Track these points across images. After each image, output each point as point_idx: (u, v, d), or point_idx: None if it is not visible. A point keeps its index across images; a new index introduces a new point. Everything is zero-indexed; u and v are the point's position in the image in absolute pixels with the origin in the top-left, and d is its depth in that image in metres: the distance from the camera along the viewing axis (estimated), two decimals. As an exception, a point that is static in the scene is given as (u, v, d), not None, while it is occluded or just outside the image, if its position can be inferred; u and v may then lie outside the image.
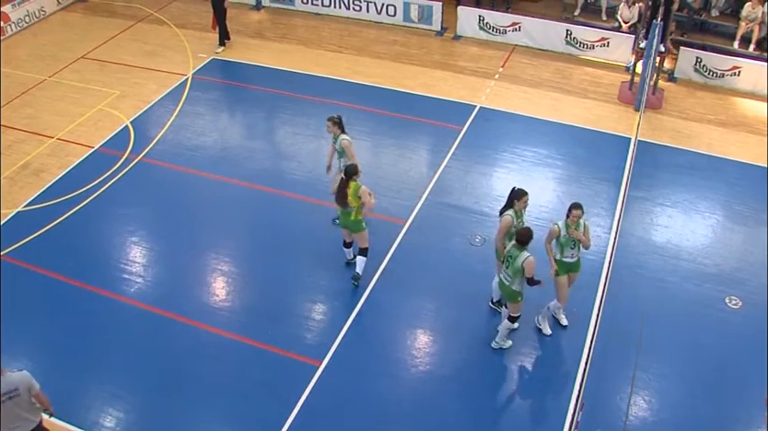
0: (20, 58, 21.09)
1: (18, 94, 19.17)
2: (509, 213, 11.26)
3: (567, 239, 11.06)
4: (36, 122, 17.78)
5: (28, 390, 9.33)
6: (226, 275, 13.21)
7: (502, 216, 11.33)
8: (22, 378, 9.31)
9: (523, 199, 11.23)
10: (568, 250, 11.15)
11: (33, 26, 23.05)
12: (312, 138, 16.62)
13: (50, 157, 16.45)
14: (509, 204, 11.32)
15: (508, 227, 11.27)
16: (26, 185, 15.63)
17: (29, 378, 9.37)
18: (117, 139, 16.84)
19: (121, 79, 19.34)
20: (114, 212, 14.79)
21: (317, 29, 21.39)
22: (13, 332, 12.34)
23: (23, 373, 9.35)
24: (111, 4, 24.35)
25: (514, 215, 11.25)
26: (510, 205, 11.31)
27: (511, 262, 10.63)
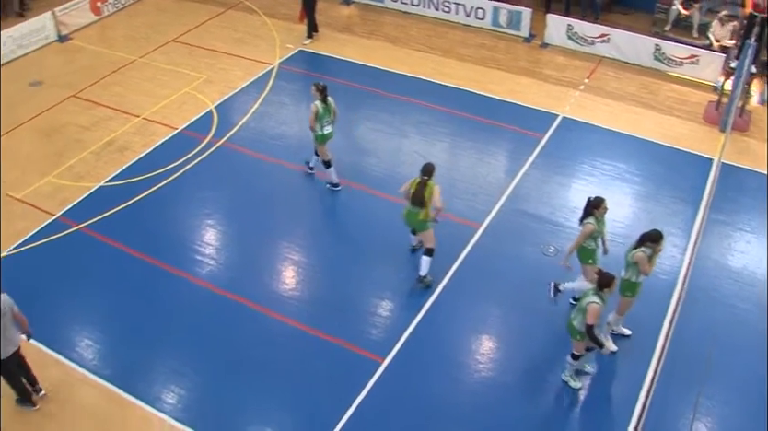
0: (114, 38, 21.65)
1: (109, 72, 19.68)
2: (590, 221, 11.27)
3: None
4: (124, 101, 18.24)
5: (11, 309, 9.97)
6: (296, 265, 13.34)
7: (583, 224, 11.34)
8: (6, 298, 9.93)
9: (602, 206, 11.29)
10: None
11: (129, 7, 23.61)
12: (393, 136, 16.67)
13: (134, 136, 16.86)
14: (588, 213, 11.29)
15: (590, 235, 11.30)
16: (110, 161, 16.05)
17: (10, 299, 9.98)
18: (200, 123, 17.16)
19: (208, 64, 19.69)
20: (193, 194, 15.07)
21: (405, 28, 21.42)
22: (85, 302, 12.73)
23: (4, 294, 9.93)
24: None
25: (595, 221, 11.27)
26: (590, 214, 11.29)
27: (581, 298, 10.48)
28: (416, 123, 17.04)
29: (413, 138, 16.58)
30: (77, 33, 22.03)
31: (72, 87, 19.16)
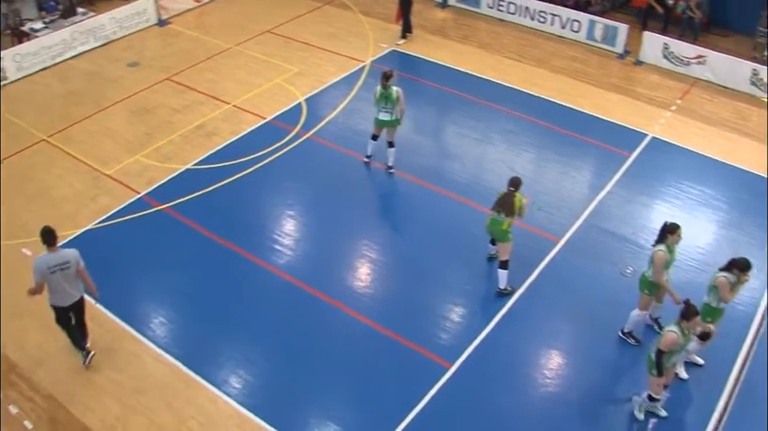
0: (211, 25, 22.08)
1: (204, 58, 20.06)
2: (662, 248, 10.97)
3: None
4: (216, 87, 18.58)
5: (76, 264, 10.63)
6: (372, 262, 13.38)
7: (654, 252, 11.03)
8: (73, 253, 10.65)
9: (677, 233, 10.97)
10: None
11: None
12: (478, 142, 16.59)
13: (223, 122, 17.15)
14: (662, 238, 11.01)
15: (663, 264, 10.97)
16: (198, 145, 16.36)
17: (78, 255, 10.67)
18: (289, 114, 17.37)
19: (301, 57, 19.91)
20: (276, 183, 15.26)
21: (498, 36, 21.30)
22: (162, 281, 13.01)
23: (73, 250, 10.70)
24: (302, -16, 25.10)
25: (666, 249, 10.96)
26: (663, 239, 11.01)
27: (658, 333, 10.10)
28: (503, 132, 16.93)
29: (499, 146, 16.48)
30: (176, 18, 22.54)
31: (167, 70, 19.60)
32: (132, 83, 19.08)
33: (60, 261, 10.60)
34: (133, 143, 16.60)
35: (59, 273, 10.63)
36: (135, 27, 21.90)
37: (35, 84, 19.44)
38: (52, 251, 10.64)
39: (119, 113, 17.79)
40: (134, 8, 21.90)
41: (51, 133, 17.15)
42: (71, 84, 19.36)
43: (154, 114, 17.63)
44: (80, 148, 16.52)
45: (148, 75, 19.45)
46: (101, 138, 16.81)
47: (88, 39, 20.94)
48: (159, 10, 22.35)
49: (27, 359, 11.71)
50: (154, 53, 20.58)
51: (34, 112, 18.06)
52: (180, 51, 20.62)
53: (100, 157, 16.15)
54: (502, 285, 12.58)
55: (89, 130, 17.24)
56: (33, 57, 19.86)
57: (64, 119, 17.72)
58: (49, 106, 18.35)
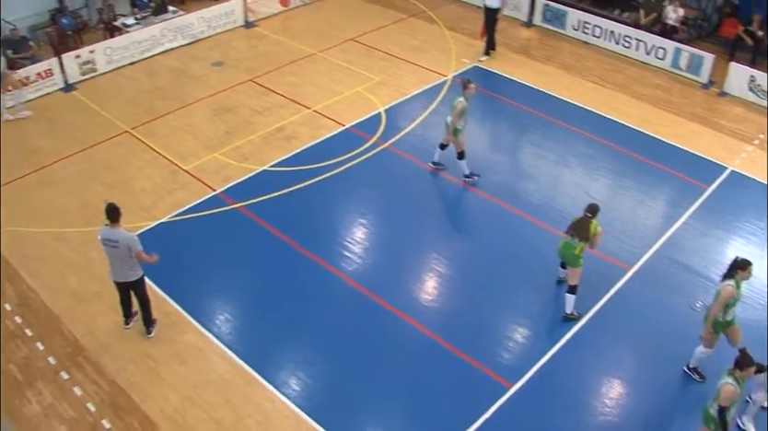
0: (296, 30, 22.40)
1: (287, 62, 20.35)
2: (730, 283, 10.71)
3: None
4: (297, 91, 18.82)
5: (128, 247, 10.97)
6: (439, 276, 13.37)
7: (722, 286, 10.77)
8: (127, 235, 11.00)
9: (747, 269, 10.69)
10: None
11: (314, 3, 24.37)
12: (555, 164, 16.45)
13: (303, 126, 17.36)
14: (731, 274, 10.75)
15: (729, 299, 10.74)
16: (276, 147, 16.59)
17: (133, 240, 11.02)
18: (368, 123, 17.49)
19: (383, 67, 20.04)
20: (351, 190, 15.38)
21: (582, 58, 21.12)
22: (230, 278, 13.24)
23: (130, 234, 11.07)
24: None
25: (735, 285, 10.71)
26: (732, 275, 10.74)
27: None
28: (580, 155, 16.76)
29: (576, 170, 16.31)
30: (263, 21, 22.91)
31: (251, 71, 19.94)
32: (215, 82, 19.46)
33: (110, 237, 11.06)
34: (212, 140, 16.92)
35: (110, 248, 11.12)
36: (222, 27, 22.33)
37: (123, 77, 19.96)
38: (109, 227, 11.05)
39: (201, 111, 18.16)
40: (223, 9, 22.34)
41: (134, 126, 17.60)
42: (157, 79, 19.84)
43: (235, 114, 17.94)
44: (161, 142, 16.90)
45: (232, 75, 19.81)
46: (182, 134, 17.18)
47: (176, 36, 21.42)
48: (247, 12, 22.76)
49: (94, 343, 12.01)
50: (239, 54, 20.96)
51: (120, 104, 18.55)
52: (264, 53, 20.95)
53: (180, 152, 16.51)
54: (569, 310, 12.44)
55: (171, 125, 17.63)
56: (123, 51, 20.40)
57: (149, 112, 18.18)
58: (134, 99, 18.85)
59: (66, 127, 17.79)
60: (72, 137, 17.33)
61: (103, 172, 16.03)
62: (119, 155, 16.58)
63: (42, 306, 12.77)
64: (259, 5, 23.10)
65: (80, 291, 13.01)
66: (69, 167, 16.32)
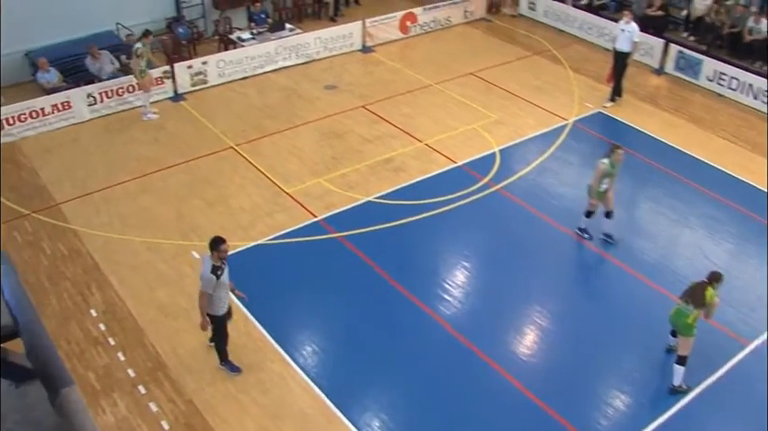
0: (414, 59, 22.86)
1: (402, 91, 20.76)
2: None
3: None
4: (410, 122, 19.17)
5: None
6: (541, 330, 13.30)
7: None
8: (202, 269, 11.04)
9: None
10: None
11: (436, 32, 24.86)
12: (675, 223, 16.20)
13: (413, 159, 17.64)
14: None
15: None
16: (383, 178, 16.90)
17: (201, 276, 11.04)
18: (481, 162, 17.64)
19: (501, 105, 20.22)
20: (456, 231, 15.51)
21: (714, 111, 20.79)
22: (321, 308, 13.52)
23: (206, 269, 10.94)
24: (514, 30, 25.52)
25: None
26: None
27: None
28: (703, 216, 16.46)
29: (697, 231, 16.02)
30: (381, 47, 23.47)
31: (364, 97, 20.44)
32: (326, 105, 20.02)
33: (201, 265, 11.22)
34: (318, 165, 17.36)
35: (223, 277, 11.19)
36: (339, 50, 22.96)
37: (233, 91, 20.73)
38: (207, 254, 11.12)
39: (309, 133, 18.69)
40: (341, 31, 23.00)
41: (239, 142, 18.24)
42: (267, 97, 20.53)
43: (343, 140, 18.39)
44: (265, 162, 17.45)
45: (344, 99, 20.34)
46: (287, 155, 17.70)
47: (291, 55, 22.13)
48: (365, 37, 23.34)
49: (176, 361, 12.38)
50: (353, 79, 21.50)
51: (227, 119, 19.28)
52: (379, 80, 21.44)
53: (284, 174, 17.00)
54: (677, 382, 12.17)
55: (277, 145, 18.20)
56: (236, 65, 21.19)
57: (256, 130, 18.83)
58: (242, 115, 19.57)
59: (172, 137, 18.62)
60: (176, 148, 18.12)
61: (203, 186, 16.65)
62: (221, 170, 17.20)
63: (128, 315, 13.30)
64: (378, 30, 23.67)
65: (168, 305, 13.49)
66: (170, 177, 17.03)
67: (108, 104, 19.59)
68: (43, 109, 18.76)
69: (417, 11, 24.72)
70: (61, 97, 19.02)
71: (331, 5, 26.09)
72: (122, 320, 13.22)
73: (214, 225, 15.25)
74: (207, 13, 24.20)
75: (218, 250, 10.90)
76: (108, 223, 15.57)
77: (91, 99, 19.33)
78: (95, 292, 13.82)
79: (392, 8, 25.16)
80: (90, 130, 19.12)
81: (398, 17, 24.19)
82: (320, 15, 26.12)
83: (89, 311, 13.40)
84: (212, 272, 10.92)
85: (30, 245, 15.00)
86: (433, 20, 25.08)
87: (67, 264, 14.50)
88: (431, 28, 25.07)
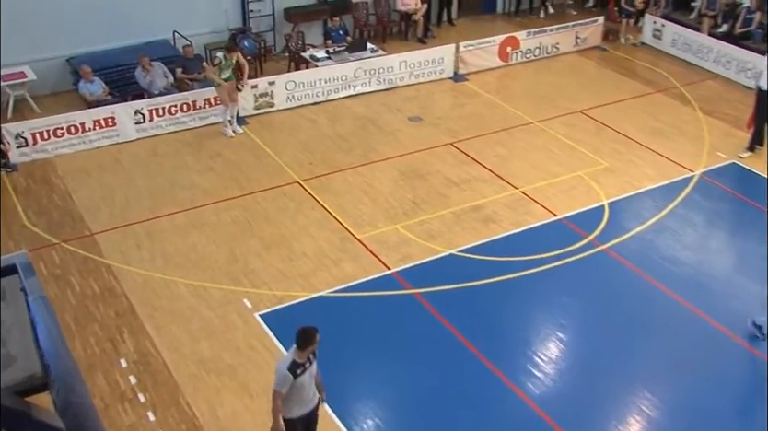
0: (514, 91, 22.93)
1: (497, 129, 20.77)
2: None
3: None
4: (505, 165, 19.12)
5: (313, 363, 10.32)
6: (648, 421, 12.87)
7: None
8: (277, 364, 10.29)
9: None
10: None
11: (540, 61, 24.94)
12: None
13: (506, 208, 17.52)
14: None
15: None
16: (470, 228, 16.80)
17: (274, 370, 10.20)
18: (585, 216, 17.41)
19: (614, 150, 20.01)
20: (551, 295, 15.29)
21: None
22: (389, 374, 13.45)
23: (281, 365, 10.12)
24: (634, 62, 25.39)
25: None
26: None
27: None
28: None
29: None
30: (476, 76, 23.60)
31: (452, 133, 20.51)
32: (408, 139, 20.12)
33: None
34: (395, 209, 17.38)
35: None
36: (427, 76, 23.12)
37: (302, 118, 21.01)
38: None
39: (387, 171, 18.77)
40: (430, 55, 23.17)
41: (306, 177, 18.41)
42: (341, 126, 20.74)
43: (426, 181, 18.40)
44: (335, 201, 17.56)
45: (430, 134, 20.42)
46: (361, 195, 17.78)
47: (371, 80, 22.35)
48: (458, 63, 23.45)
49: (215, 425, 12.32)
50: (441, 111, 21.59)
51: (293, 149, 19.55)
52: (471, 114, 21.49)
53: (355, 216, 17.07)
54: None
55: (350, 182, 18.33)
56: (307, 88, 21.48)
57: (325, 164, 19.03)
58: (311, 145, 19.84)
59: (229, 166, 18.93)
60: (233, 178, 18.40)
61: (261, 224, 16.80)
62: (283, 207, 17.37)
63: (163, 368, 13.36)
64: (473, 56, 23.79)
65: (211, 359, 13.54)
66: (223, 212, 17.26)
67: (158, 123, 20.02)
68: (83, 124, 19.23)
69: (520, 35, 24.77)
70: (104, 111, 19.54)
71: (421, 24, 26.30)
72: (155, 373, 13.28)
73: (271, 270, 15.34)
74: (278, 26, 24.64)
75: (307, 347, 10.08)
76: (149, 260, 15.76)
77: (139, 117, 19.77)
78: (127, 339, 13.95)
79: (491, 31, 25.28)
80: (136, 151, 19.53)
81: (497, 42, 24.27)
82: (406, 35, 26.36)
83: (119, 361, 13.51)
84: (289, 368, 10.01)
85: (57, 279, 15.26)
86: (538, 47, 25.11)
87: (98, 304, 14.69)
88: (535, 56, 25.09)
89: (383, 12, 26.39)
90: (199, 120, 20.39)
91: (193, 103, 20.30)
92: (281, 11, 24.82)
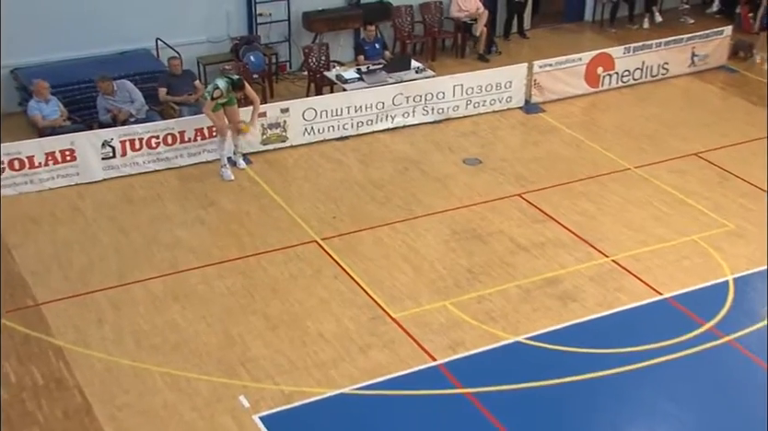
0: (604, 126, 23.00)
1: (582, 176, 20.73)
2: None
3: None
4: (591, 225, 18.98)
5: None
6: None
7: None
8: None
9: None
10: None
11: (642, 86, 24.99)
12: None
13: (591, 282, 17.28)
14: None
15: None
16: (543, 308, 16.57)
17: None
18: (702, 296, 17.15)
19: (742, 208, 19.77)
20: (652, 401, 14.98)
21: None
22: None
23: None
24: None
25: None
26: None
27: None
28: None
29: None
30: (553, 105, 23.66)
31: (522, 181, 20.47)
32: (464, 188, 20.09)
33: None
34: (444, 279, 17.21)
35: None
36: (489, 105, 23.16)
37: (324, 157, 21.15)
38: None
39: (434, 229, 18.68)
40: (494, 77, 23.19)
41: (327, 235, 18.36)
42: (375, 169, 20.83)
43: (486, 244, 18.26)
44: (363, 267, 17.45)
45: (491, 181, 20.39)
46: (398, 260, 17.64)
47: (416, 108, 22.37)
48: (532, 88, 23.37)
49: None
50: (507, 152, 21.56)
51: (312, 198, 19.66)
52: (547, 156, 21.44)
53: (390, 288, 16.91)
54: None
55: (385, 243, 18.26)
56: (331, 118, 21.57)
57: (353, 218, 19.06)
58: (335, 193, 19.93)
59: (225, 218, 19.01)
60: (231, 234, 18.47)
61: (266, 296, 16.65)
62: (296, 274, 17.25)
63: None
64: (551, 79, 23.77)
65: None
66: (216, 279, 17.13)
67: (132, 159, 20.07)
68: (32, 157, 19.22)
69: (616, 52, 24.75)
70: (61, 142, 19.46)
71: (483, 37, 26.27)
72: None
73: (277, 358, 15.17)
74: (295, 36, 24.76)
75: None
76: (114, 340, 15.62)
77: (108, 150, 19.76)
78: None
79: (576, 46, 25.45)
80: (102, 196, 19.56)
81: (584, 61, 24.24)
82: (463, 50, 26.44)
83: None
84: None
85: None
86: (639, 67, 25.06)
87: (41, 401, 14.43)
88: (635, 79, 25.05)
89: (433, 20, 26.48)
90: (188, 156, 20.40)
91: (181, 134, 20.27)
92: (299, 16, 24.91)
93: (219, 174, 20.18)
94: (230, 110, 19.86)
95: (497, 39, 27.41)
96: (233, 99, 19.91)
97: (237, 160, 20.31)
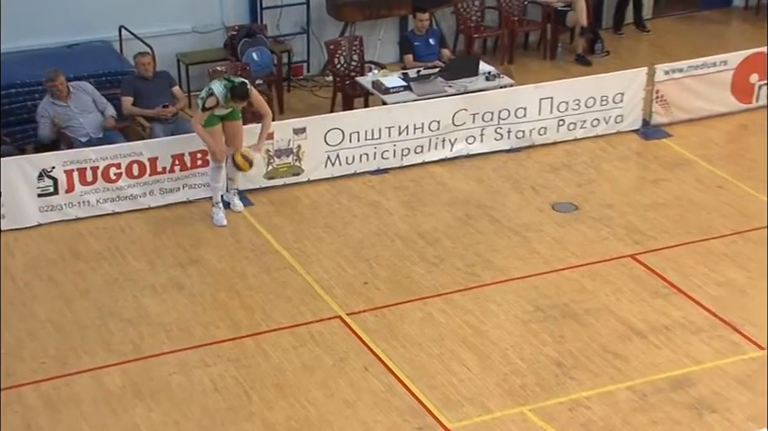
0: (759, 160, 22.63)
1: (726, 232, 20.78)
2: None
3: None
4: (737, 302, 18.89)
5: None
6: None
7: None
8: None
9: None
10: None
11: None
12: None
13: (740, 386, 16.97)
14: None
15: None
16: (667, 420, 16.29)
17: None
18: None
19: None
20: None
21: None
22: None
23: None
24: None
25: None
26: None
27: None
28: None
29: None
30: (685, 127, 23.70)
31: (637, 235, 20.52)
32: (553, 245, 20.14)
33: None
34: (522, 375, 17.05)
35: None
36: (590, 128, 23.23)
37: (353, 198, 21.01)
38: None
39: (509, 303, 18.62)
40: (598, 88, 23.15)
41: (356, 308, 18.28)
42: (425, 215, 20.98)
43: (583, 325, 18.15)
44: (404, 354, 17.37)
45: (593, 236, 20.40)
46: (457, 346, 17.50)
47: (486, 130, 22.32)
48: (653, 104, 23.20)
49: None
50: (615, 193, 21.66)
51: (335, 255, 19.67)
52: (675, 200, 21.60)
53: (444, 386, 16.74)
54: None
55: (437, 321, 18.20)
56: (365, 143, 21.38)
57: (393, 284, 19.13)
58: (369, 249, 20.03)
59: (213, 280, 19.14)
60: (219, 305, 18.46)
61: (267, 395, 16.53)
62: (310, 363, 17.13)
63: None
64: (680, 90, 23.69)
65: None
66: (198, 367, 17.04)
67: (82, 197, 20.06)
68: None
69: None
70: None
71: (578, 29, 26.12)
72: None
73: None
74: (315, 26, 24.66)
75: None
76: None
77: (47, 184, 19.64)
78: None
79: (718, 44, 25.31)
80: (38, 248, 19.61)
81: (731, 66, 24.18)
82: (554, 49, 26.29)
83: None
84: None
85: None
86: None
87: None
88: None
89: (511, 6, 26.44)
90: (160, 194, 20.39)
91: (151, 162, 20.21)
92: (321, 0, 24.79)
93: (209, 215, 20.03)
94: (231, 128, 19.80)
95: (604, 33, 27.26)
96: (236, 113, 19.84)
97: (231, 200, 20.21)
